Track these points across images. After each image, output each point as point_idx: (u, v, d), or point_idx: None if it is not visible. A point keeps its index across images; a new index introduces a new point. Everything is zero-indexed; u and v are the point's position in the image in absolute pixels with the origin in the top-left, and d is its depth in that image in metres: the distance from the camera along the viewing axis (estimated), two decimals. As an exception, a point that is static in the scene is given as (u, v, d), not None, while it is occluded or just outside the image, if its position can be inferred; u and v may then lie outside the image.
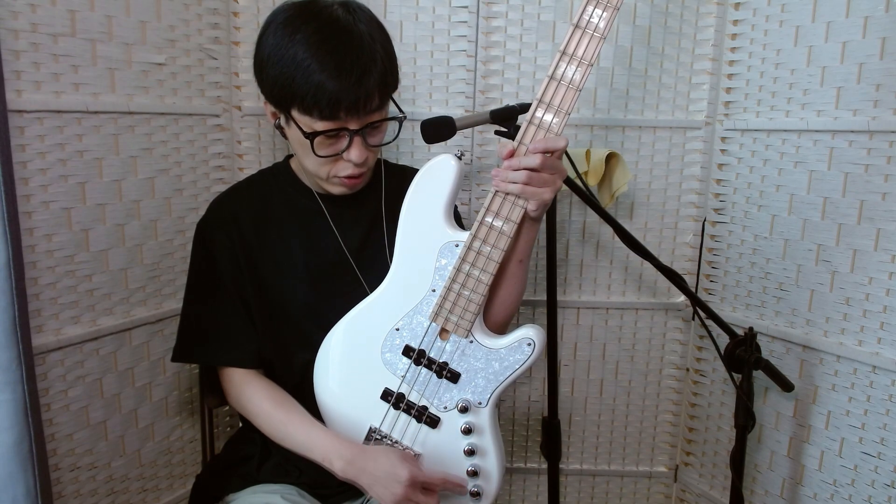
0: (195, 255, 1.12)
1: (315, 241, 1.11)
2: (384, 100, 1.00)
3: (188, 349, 1.12)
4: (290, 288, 1.09)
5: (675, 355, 1.60)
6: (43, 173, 1.11)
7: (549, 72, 0.89)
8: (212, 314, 1.09)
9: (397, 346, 1.02)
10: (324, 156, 0.99)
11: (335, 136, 0.99)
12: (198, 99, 1.37)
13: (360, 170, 1.03)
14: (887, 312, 1.19)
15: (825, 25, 1.25)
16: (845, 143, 1.23)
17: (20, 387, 1.01)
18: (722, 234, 1.49)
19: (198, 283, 1.11)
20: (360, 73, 0.93)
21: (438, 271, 1.00)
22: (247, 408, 1.08)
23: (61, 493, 1.20)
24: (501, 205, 0.94)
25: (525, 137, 0.92)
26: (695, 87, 1.47)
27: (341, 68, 0.92)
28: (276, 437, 1.05)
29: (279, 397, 1.07)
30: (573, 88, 0.89)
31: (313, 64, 0.92)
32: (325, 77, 0.92)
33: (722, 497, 1.55)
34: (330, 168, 1.02)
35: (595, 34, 0.88)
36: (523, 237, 1.02)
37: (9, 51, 1.04)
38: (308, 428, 1.03)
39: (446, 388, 1.01)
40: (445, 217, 1.00)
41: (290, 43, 0.94)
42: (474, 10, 1.43)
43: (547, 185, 0.92)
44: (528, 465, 1.66)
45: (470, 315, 0.98)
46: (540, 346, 0.99)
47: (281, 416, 1.05)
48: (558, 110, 0.90)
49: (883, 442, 1.22)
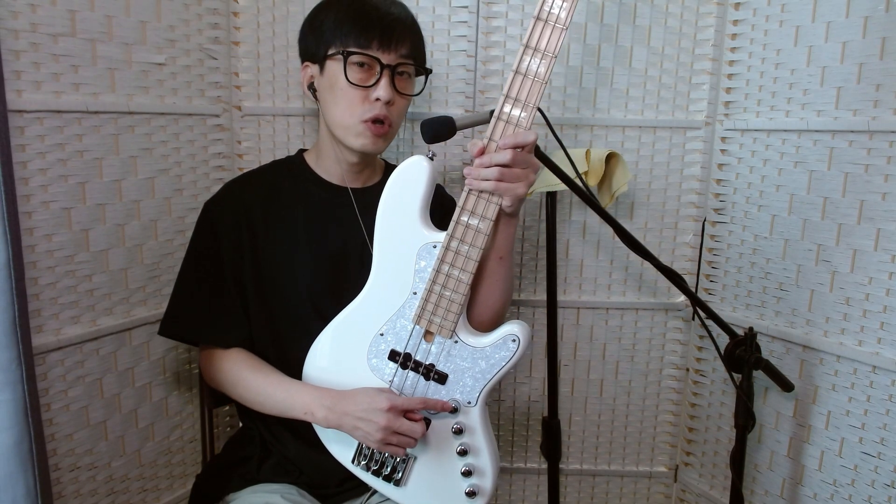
0: (198, 233, 1.13)
1: (322, 230, 1.12)
2: (414, 54, 1.07)
3: (177, 326, 1.13)
4: (293, 274, 1.10)
5: (675, 355, 1.60)
6: (43, 173, 1.11)
7: (514, 66, 0.89)
8: (204, 293, 1.10)
9: (383, 352, 1.02)
10: (354, 83, 1.03)
11: (367, 70, 1.04)
12: (198, 99, 1.37)
13: (386, 113, 1.05)
14: (887, 312, 1.19)
15: (825, 25, 1.25)
16: (845, 143, 1.23)
17: (20, 387, 1.01)
18: (722, 234, 1.49)
19: (195, 261, 1.12)
20: (393, 21, 1.04)
21: (418, 273, 0.99)
22: (224, 379, 1.09)
23: (61, 493, 1.20)
24: (476, 203, 0.94)
25: (494, 134, 0.92)
26: (695, 87, 1.47)
27: (377, 14, 1.04)
28: (256, 403, 1.06)
29: (256, 364, 1.09)
30: (538, 81, 0.89)
31: (351, 12, 1.04)
32: (361, 19, 1.03)
33: (722, 497, 1.55)
34: (358, 108, 1.05)
35: (557, 25, 0.87)
36: (501, 234, 1.02)
37: (9, 51, 1.04)
38: (287, 385, 1.04)
39: (435, 390, 1.01)
40: (421, 219, 0.99)
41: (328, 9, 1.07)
42: (474, 10, 1.43)
43: (520, 180, 0.93)
44: (528, 465, 1.66)
45: (452, 315, 0.98)
46: (525, 342, 0.98)
47: (260, 381, 1.06)
48: (525, 104, 0.90)
49: (883, 442, 1.22)
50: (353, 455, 1.05)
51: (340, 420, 0.98)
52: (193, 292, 1.11)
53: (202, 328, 1.11)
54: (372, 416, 0.96)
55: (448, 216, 0.96)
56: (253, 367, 1.08)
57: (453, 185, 1.49)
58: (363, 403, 0.97)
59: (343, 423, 0.98)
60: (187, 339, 1.19)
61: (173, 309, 1.13)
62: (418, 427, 0.97)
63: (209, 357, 1.12)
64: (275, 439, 1.13)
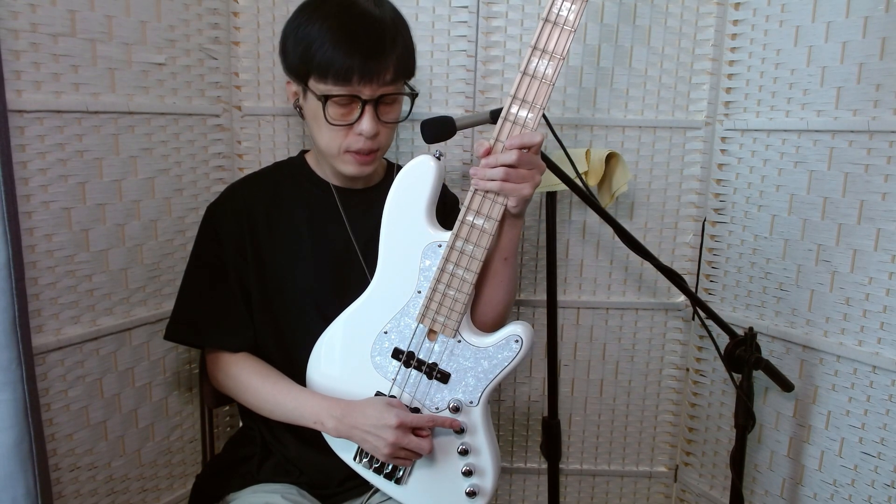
0: (201, 237, 1.13)
1: (324, 231, 1.12)
2: (398, 77, 1.03)
3: (181, 329, 1.13)
4: (295, 275, 1.10)
5: (675, 355, 1.60)
6: (43, 173, 1.11)
7: (522, 67, 0.89)
8: (209, 297, 1.10)
9: (386, 350, 1.03)
10: (335, 123, 1.01)
11: (348, 105, 1.01)
12: (198, 99, 1.37)
13: (371, 145, 1.04)
14: (887, 312, 1.19)
15: (825, 25, 1.25)
16: (845, 143, 1.23)
17: (20, 387, 1.01)
18: (722, 234, 1.49)
19: (199, 265, 1.12)
20: (375, 45, 0.98)
21: (423, 272, 0.99)
22: (232, 384, 1.09)
23: (61, 493, 1.20)
24: (481, 203, 0.94)
25: (501, 134, 0.92)
26: (695, 87, 1.47)
27: (357, 39, 0.97)
28: (266, 410, 1.07)
29: (266, 371, 1.08)
30: (546, 83, 0.89)
31: (331, 34, 0.97)
32: (342, 45, 0.97)
33: (722, 497, 1.55)
34: (342, 141, 1.03)
35: (565, 27, 0.87)
36: (506, 235, 1.02)
37: (9, 51, 1.04)
38: (296, 394, 1.05)
39: (437, 389, 1.01)
40: (427, 218, 0.99)
41: (311, 19, 1.00)
42: (474, 10, 1.43)
43: (525, 181, 0.93)
44: (528, 465, 1.66)
45: (456, 315, 0.98)
46: (528, 343, 0.98)
47: (269, 388, 1.06)
48: (532, 105, 0.90)
49: (883, 442, 1.22)
50: (355, 453, 1.05)
51: (350, 432, 0.99)
52: (198, 296, 1.11)
53: (208, 332, 1.10)
54: (380, 431, 0.96)
55: (449, 213, 0.96)
56: (261, 374, 1.08)
57: (453, 186, 1.49)
58: (372, 418, 0.97)
59: (352, 435, 0.99)
60: (194, 343, 1.19)
61: (178, 313, 1.13)
62: (426, 444, 0.98)
63: (216, 362, 1.11)
64: (275, 439, 1.13)
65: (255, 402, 1.07)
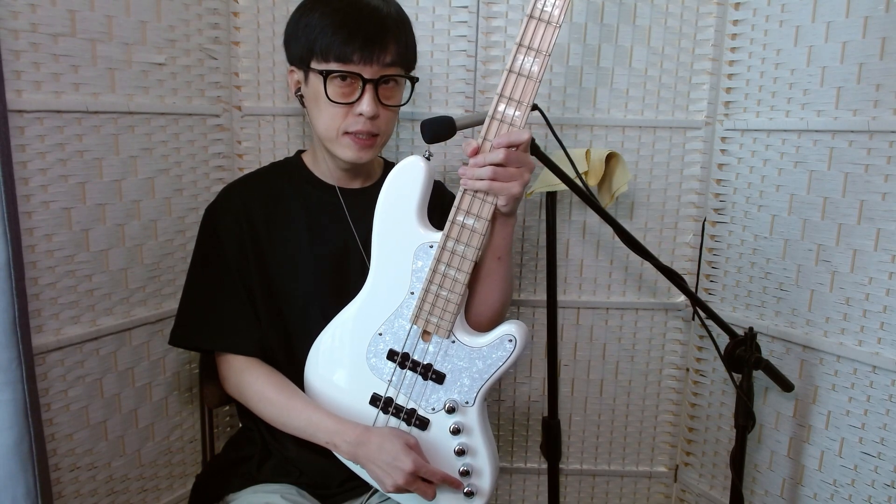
0: (202, 240, 1.12)
1: (324, 230, 1.12)
2: (399, 62, 1.04)
3: (188, 334, 1.12)
4: (296, 275, 1.10)
5: (675, 355, 1.60)
6: (43, 173, 1.11)
7: (507, 65, 0.89)
8: (214, 299, 1.09)
9: (381, 351, 1.03)
10: (336, 101, 1.02)
11: (349, 85, 1.02)
12: (198, 99, 1.37)
13: (371, 128, 1.04)
14: (887, 312, 1.19)
15: (825, 25, 1.25)
16: (845, 143, 1.23)
17: (20, 387, 1.01)
18: (722, 234, 1.49)
19: (202, 268, 1.12)
20: (377, 30, 1.01)
21: (415, 273, 0.99)
22: (247, 394, 1.08)
23: (61, 493, 1.20)
24: (471, 203, 0.94)
25: (488, 133, 0.92)
26: (695, 87, 1.47)
27: (360, 24, 1.00)
28: (278, 422, 1.06)
29: (280, 382, 1.08)
30: (532, 80, 0.89)
31: (335, 18, 1.00)
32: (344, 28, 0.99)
33: (722, 497, 1.55)
34: (341, 122, 1.04)
35: (550, 23, 0.87)
36: (498, 234, 1.02)
37: (9, 51, 1.04)
38: (311, 412, 1.04)
39: (433, 390, 1.01)
40: (418, 219, 0.99)
41: (315, 9, 1.03)
42: (474, 10, 1.43)
43: (514, 179, 0.92)
44: (528, 465, 1.66)
45: (450, 315, 0.98)
46: (522, 342, 0.98)
47: (283, 401, 1.06)
48: (519, 103, 0.90)
49: (883, 442, 1.22)
50: None
51: (361, 461, 1.00)
52: (203, 299, 1.10)
53: (216, 335, 1.10)
54: (393, 472, 0.96)
55: (448, 213, 0.96)
56: (276, 386, 1.07)
57: (453, 186, 1.49)
58: (388, 455, 0.96)
59: (363, 464, 1.00)
60: (201, 347, 1.18)
61: (183, 318, 1.12)
62: (430, 491, 0.99)
63: (228, 368, 1.10)
64: (275, 440, 1.13)
65: (268, 414, 1.07)
